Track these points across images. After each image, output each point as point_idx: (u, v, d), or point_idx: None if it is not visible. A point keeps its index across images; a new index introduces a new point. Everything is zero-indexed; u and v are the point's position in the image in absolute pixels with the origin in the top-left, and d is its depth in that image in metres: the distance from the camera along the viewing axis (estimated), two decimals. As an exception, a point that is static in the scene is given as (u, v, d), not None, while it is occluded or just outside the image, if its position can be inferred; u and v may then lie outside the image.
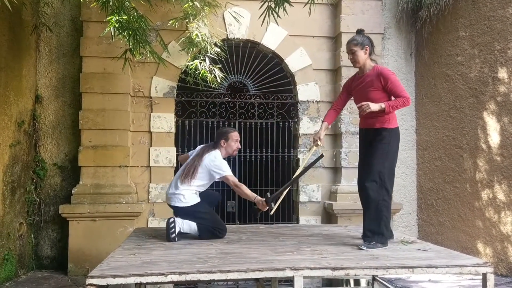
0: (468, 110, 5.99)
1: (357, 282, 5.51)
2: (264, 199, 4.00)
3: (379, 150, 3.72)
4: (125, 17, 4.60)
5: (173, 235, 3.94)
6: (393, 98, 3.72)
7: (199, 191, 4.26)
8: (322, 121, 4.18)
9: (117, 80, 5.98)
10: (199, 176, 4.17)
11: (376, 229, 3.64)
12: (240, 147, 4.47)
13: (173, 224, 3.97)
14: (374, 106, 3.59)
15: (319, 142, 4.06)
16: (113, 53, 5.66)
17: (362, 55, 3.79)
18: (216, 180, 4.28)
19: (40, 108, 6.12)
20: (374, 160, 3.71)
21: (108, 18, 4.63)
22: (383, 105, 3.60)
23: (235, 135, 4.39)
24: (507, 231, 5.40)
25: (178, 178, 4.23)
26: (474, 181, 5.89)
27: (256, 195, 4.11)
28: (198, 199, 4.20)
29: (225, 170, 4.13)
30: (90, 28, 5.97)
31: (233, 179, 4.14)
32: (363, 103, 3.63)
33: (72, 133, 6.13)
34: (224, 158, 4.32)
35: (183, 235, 4.09)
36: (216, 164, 4.15)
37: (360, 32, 3.90)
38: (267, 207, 3.98)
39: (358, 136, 4.17)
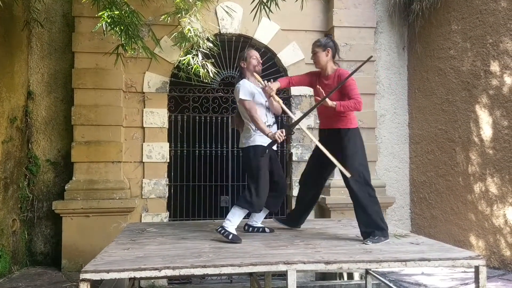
0: (461, 103, 6.01)
1: (350, 276, 5.55)
2: (278, 131, 3.76)
3: (351, 149, 3.81)
4: (117, 12, 4.58)
5: (230, 236, 3.63)
6: None
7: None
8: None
9: (109, 75, 5.95)
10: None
11: (375, 224, 3.64)
12: (260, 62, 4.16)
13: (223, 230, 3.66)
14: (330, 103, 3.69)
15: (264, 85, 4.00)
16: (105, 49, 5.63)
17: (323, 57, 3.90)
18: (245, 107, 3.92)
19: (32, 104, 6.08)
20: (349, 160, 3.76)
21: (99, 14, 4.60)
22: (335, 103, 3.69)
23: (251, 52, 4.14)
24: (499, 224, 5.44)
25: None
26: (466, 174, 5.93)
27: (270, 131, 3.82)
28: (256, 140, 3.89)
29: (241, 94, 3.88)
30: (82, 24, 5.94)
31: (248, 105, 3.86)
32: (319, 97, 3.77)
33: (64, 129, 6.11)
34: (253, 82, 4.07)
35: (184, 228, 4.09)
36: (236, 90, 3.95)
37: (326, 35, 4.01)
38: (285, 135, 3.76)
39: None
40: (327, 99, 3.67)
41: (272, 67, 6.58)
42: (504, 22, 5.40)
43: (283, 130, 3.78)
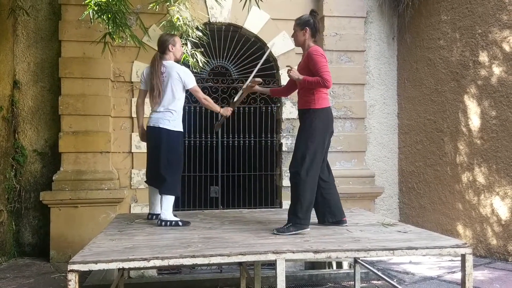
0: (449, 94, 6.04)
1: (339, 265, 5.58)
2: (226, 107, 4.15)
3: (303, 132, 3.67)
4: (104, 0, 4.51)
5: (174, 222, 3.81)
6: None
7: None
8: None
9: (97, 64, 5.89)
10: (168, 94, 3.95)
11: (293, 212, 3.55)
12: (183, 51, 4.26)
13: (163, 223, 3.81)
14: (294, 74, 3.63)
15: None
16: (92, 37, 5.57)
17: (300, 35, 3.77)
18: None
19: (18, 93, 6.00)
20: (298, 144, 3.66)
21: (86, 1, 4.54)
22: (301, 77, 3.60)
23: (177, 39, 4.12)
24: (486, 213, 5.50)
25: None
26: (454, 164, 5.97)
27: (220, 107, 4.15)
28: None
29: (193, 81, 4.00)
30: (68, 12, 5.85)
31: (199, 91, 4.03)
32: (289, 66, 3.71)
33: (51, 119, 6.04)
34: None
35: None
36: (185, 74, 3.95)
37: (311, 13, 3.86)
38: (231, 110, 4.13)
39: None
40: (293, 70, 3.61)
41: (262, 57, 6.52)
42: (493, 13, 5.42)
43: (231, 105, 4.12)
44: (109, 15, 4.61)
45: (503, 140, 5.31)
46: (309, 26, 3.74)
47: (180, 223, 3.82)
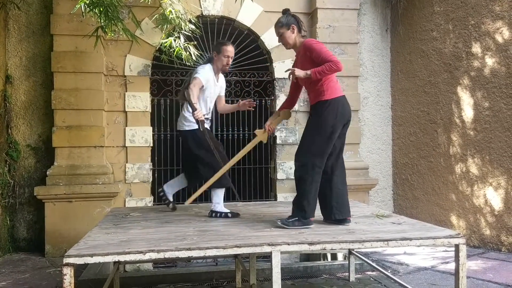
0: (443, 85, 6.06)
1: (334, 257, 5.62)
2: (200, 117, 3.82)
3: (310, 125, 3.59)
4: (95, -7, 4.48)
5: (224, 214, 3.99)
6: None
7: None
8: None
9: (89, 58, 5.85)
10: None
11: (298, 205, 3.52)
12: (229, 64, 4.20)
13: (213, 214, 4.02)
14: (300, 73, 3.47)
15: (266, 128, 3.93)
16: (84, 31, 5.53)
17: (290, 35, 3.69)
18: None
19: (11, 88, 5.96)
20: (305, 135, 3.59)
21: (78, -6, 4.50)
22: (309, 72, 3.44)
23: (227, 49, 4.13)
24: (480, 204, 5.55)
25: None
26: (448, 155, 6.01)
27: (198, 108, 3.86)
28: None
29: (199, 73, 4.02)
30: (60, 5, 5.80)
31: (196, 81, 3.95)
32: (290, 69, 3.53)
33: (45, 113, 6.00)
34: (216, 74, 4.22)
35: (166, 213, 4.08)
36: (196, 69, 4.09)
37: (284, 12, 3.79)
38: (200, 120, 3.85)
39: None
40: (297, 70, 3.46)
41: (255, 50, 6.53)
42: (486, 4, 5.43)
43: (203, 121, 3.86)
44: (101, 9, 4.58)
45: (496, 131, 5.34)
46: (293, 23, 3.69)
47: (229, 215, 3.97)
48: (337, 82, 3.63)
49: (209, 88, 4.14)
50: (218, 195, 4.12)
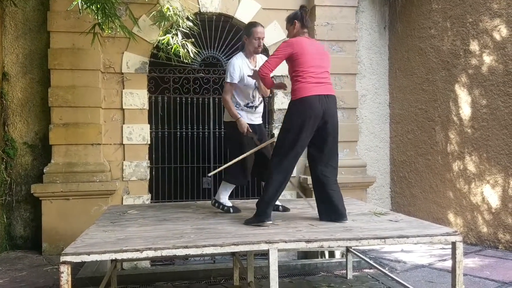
0: (440, 83, 6.06)
1: (331, 254, 5.61)
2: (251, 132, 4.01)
3: (282, 125, 3.64)
4: (92, -11, 4.46)
5: (226, 208, 4.08)
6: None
7: (239, 103, 4.08)
8: None
9: (86, 55, 5.83)
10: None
11: (257, 203, 3.56)
12: (261, 45, 4.07)
13: (216, 204, 4.12)
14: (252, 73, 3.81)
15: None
16: (81, 28, 5.50)
17: (291, 30, 3.78)
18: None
19: (7, 85, 5.93)
20: (278, 138, 3.65)
21: (75, -9, 4.48)
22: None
23: (257, 31, 4.01)
24: (477, 202, 5.55)
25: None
26: (445, 153, 6.01)
27: (239, 117, 3.98)
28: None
29: (227, 76, 3.97)
30: (57, 2, 5.77)
31: (225, 88, 3.97)
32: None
33: (41, 111, 5.98)
34: (249, 58, 4.09)
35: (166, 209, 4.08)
36: (227, 67, 4.02)
37: (301, 7, 3.77)
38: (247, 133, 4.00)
39: None
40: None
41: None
42: (484, 1, 5.42)
43: (251, 131, 4.01)
44: (98, 5, 4.56)
45: (493, 128, 5.35)
46: (297, 19, 3.72)
47: (231, 210, 4.04)
48: (312, 82, 3.49)
49: (245, 77, 3.99)
50: (227, 188, 4.15)
